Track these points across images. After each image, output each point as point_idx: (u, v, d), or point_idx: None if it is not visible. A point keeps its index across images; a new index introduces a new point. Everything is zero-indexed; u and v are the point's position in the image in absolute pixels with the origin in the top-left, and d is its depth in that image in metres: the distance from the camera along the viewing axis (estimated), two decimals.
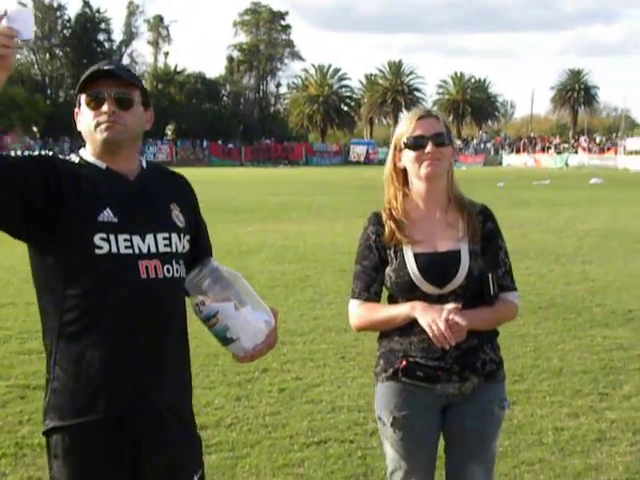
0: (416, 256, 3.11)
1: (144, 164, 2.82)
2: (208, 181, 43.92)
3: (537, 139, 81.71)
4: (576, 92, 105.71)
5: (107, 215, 2.62)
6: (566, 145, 77.26)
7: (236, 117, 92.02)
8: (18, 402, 6.26)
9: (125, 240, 2.63)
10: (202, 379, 6.78)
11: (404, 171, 3.22)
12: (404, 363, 3.10)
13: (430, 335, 2.93)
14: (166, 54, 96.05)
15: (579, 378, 6.93)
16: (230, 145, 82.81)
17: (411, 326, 3.06)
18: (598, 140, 78.29)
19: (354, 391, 6.63)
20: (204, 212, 2.97)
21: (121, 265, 2.62)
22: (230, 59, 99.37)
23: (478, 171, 63.15)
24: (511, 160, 75.57)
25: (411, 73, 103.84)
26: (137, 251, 2.64)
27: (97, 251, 2.59)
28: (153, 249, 2.67)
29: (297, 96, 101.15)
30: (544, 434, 5.59)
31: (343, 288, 11.15)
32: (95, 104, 2.67)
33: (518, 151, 78.41)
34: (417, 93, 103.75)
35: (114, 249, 2.61)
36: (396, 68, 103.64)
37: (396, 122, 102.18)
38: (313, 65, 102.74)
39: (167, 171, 2.94)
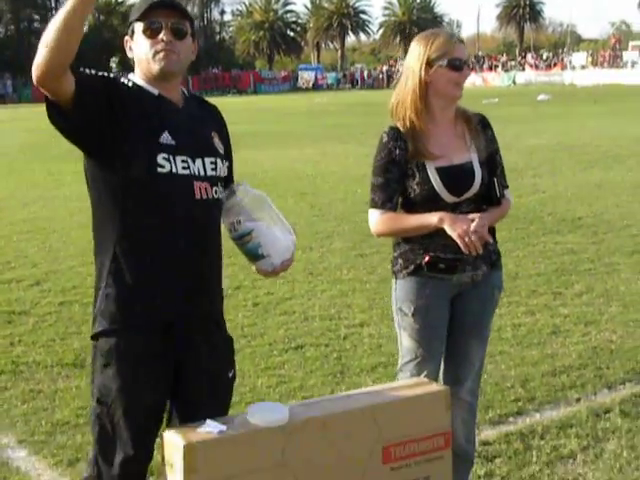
0: (437, 170, 3.43)
1: (186, 93, 3.02)
2: None
3: (484, 58, 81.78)
4: (522, 8, 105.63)
5: (166, 138, 2.84)
6: (513, 63, 77.58)
7: None
8: (6, 326, 6.57)
9: (182, 161, 2.85)
10: None
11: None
12: (427, 258, 3.45)
13: (462, 246, 3.27)
14: None
15: (534, 280, 7.40)
16: None
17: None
18: (545, 56, 78.61)
19: (324, 302, 7.02)
20: None
21: (179, 184, 2.83)
22: None
23: None
24: None
25: None
26: (194, 173, 2.86)
27: (159, 169, 2.80)
28: (203, 172, 2.89)
29: (242, 23, 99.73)
30: (503, 330, 6.04)
31: (305, 211, 11.53)
32: (151, 33, 2.82)
33: (472, 69, 78.52)
34: (363, 16, 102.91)
35: (174, 169, 2.83)
36: None
37: (343, 45, 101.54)
38: None
39: (203, 100, 3.15)
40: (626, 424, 4.46)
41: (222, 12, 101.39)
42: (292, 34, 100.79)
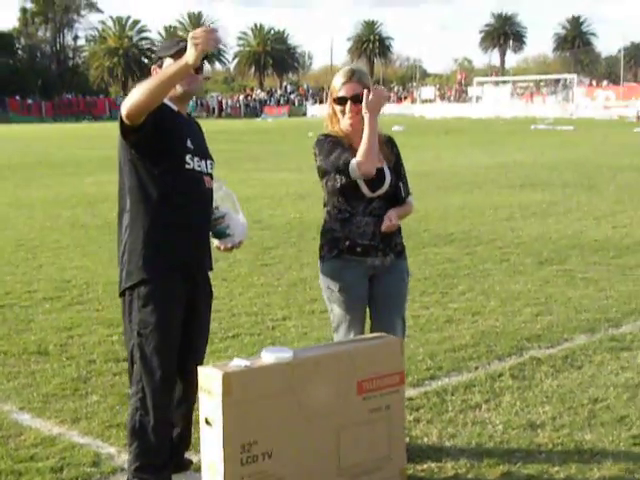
0: None
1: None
2: (13, 139, 43.21)
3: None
4: (371, 43, 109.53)
5: (189, 143, 3.96)
6: None
7: (33, 71, 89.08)
8: None
9: (198, 161, 3.99)
10: None
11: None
12: (348, 243, 4.47)
13: (384, 228, 4.34)
14: None
15: (422, 283, 8.57)
16: (29, 101, 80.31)
17: (350, 220, 4.43)
18: (395, 89, 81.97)
19: (245, 302, 7.98)
20: (26, 168, 4.22)
21: (196, 177, 3.98)
22: (24, 10, 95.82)
23: (285, 122, 64.87)
24: (315, 111, 77.80)
25: (211, 24, 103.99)
26: (203, 170, 4.01)
27: (186, 165, 3.92)
28: (207, 169, 4.06)
29: (96, 49, 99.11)
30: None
31: None
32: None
33: (321, 102, 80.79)
34: (219, 45, 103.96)
35: (194, 166, 3.96)
36: (195, 19, 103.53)
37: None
38: (111, 17, 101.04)
39: (191, 117, 4.20)
40: (516, 384, 5.63)
41: (75, 37, 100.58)
42: (147, 61, 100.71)
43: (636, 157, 24.11)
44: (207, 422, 3.73)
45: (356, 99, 4.42)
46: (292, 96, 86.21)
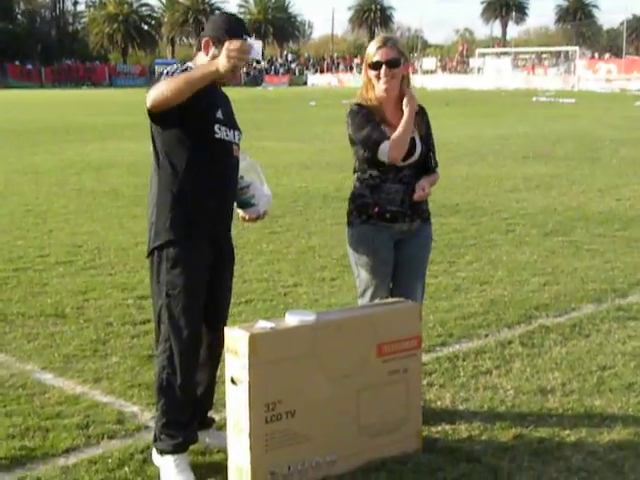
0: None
1: None
2: (13, 104, 43.14)
3: (340, 60, 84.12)
4: (373, 13, 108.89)
5: (219, 114, 4.05)
6: None
7: (33, 37, 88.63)
8: None
9: (226, 131, 4.06)
10: None
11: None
12: (377, 209, 4.58)
13: (416, 197, 4.47)
14: None
15: None
16: (29, 66, 79.98)
17: (380, 186, 4.54)
18: None
19: (255, 269, 8.09)
20: (28, 134, 4.31)
21: (225, 145, 4.06)
22: None
23: (286, 91, 64.67)
24: (315, 80, 77.69)
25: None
26: (232, 139, 4.09)
27: (215, 135, 4.00)
28: (235, 139, 4.14)
29: (95, 15, 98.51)
30: None
31: None
32: None
33: (322, 71, 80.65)
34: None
35: (223, 135, 4.04)
36: None
37: (199, 41, 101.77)
38: None
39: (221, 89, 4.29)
40: (526, 351, 5.75)
41: (75, 3, 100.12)
42: (147, 28, 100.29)
43: (638, 131, 24.15)
44: (233, 381, 3.84)
45: (391, 64, 4.48)
46: (293, 65, 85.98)
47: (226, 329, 3.92)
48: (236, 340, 3.82)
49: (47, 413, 4.66)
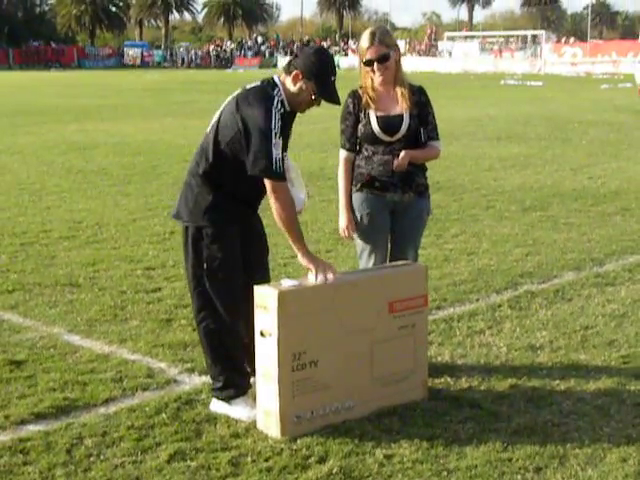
0: (377, 117, 5.00)
1: None
2: None
3: (310, 42, 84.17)
4: None
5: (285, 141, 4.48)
6: (337, 48, 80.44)
7: None
8: None
9: (283, 154, 4.41)
10: None
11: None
12: (367, 178, 5.02)
13: (394, 166, 4.88)
14: None
15: None
16: None
17: (372, 157, 4.98)
18: None
19: None
20: (5, 116, 4.65)
21: None
22: None
23: (256, 73, 64.57)
24: (285, 62, 77.61)
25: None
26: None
27: None
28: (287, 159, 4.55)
29: None
30: None
31: None
32: (316, 102, 4.50)
33: (292, 53, 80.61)
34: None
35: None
36: None
37: (167, 23, 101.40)
38: None
39: None
40: (514, 313, 6.23)
41: None
42: (115, 10, 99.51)
43: (605, 113, 24.76)
44: (262, 334, 4.26)
45: (381, 59, 4.95)
46: (262, 47, 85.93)
47: (255, 287, 4.33)
48: (265, 297, 4.24)
49: (81, 369, 5.06)
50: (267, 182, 4.28)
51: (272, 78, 4.47)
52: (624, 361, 5.31)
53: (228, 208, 4.46)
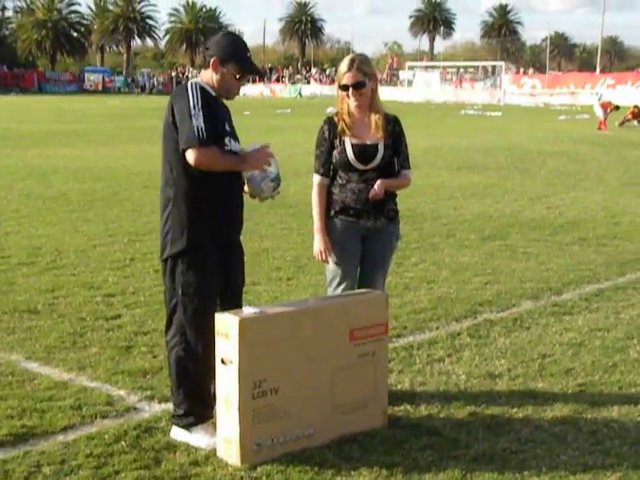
0: (352, 145, 5.06)
1: None
2: None
3: (272, 70, 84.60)
4: (303, 24, 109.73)
5: (227, 127, 4.52)
6: (299, 76, 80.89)
7: None
8: None
9: (233, 142, 4.53)
10: None
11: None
12: (342, 205, 5.07)
13: (370, 195, 4.95)
14: None
15: None
16: None
17: (346, 186, 5.03)
18: (328, 72, 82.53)
19: None
20: None
21: None
22: None
23: None
24: (248, 90, 77.61)
25: (142, 0, 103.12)
26: (237, 150, 4.53)
27: (226, 147, 4.44)
28: (238, 150, 4.57)
29: (24, 21, 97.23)
30: None
31: (155, 201, 12.77)
32: (242, 81, 4.54)
33: (254, 81, 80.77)
34: (149, 21, 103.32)
35: (232, 147, 4.50)
36: None
37: (129, 49, 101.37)
38: None
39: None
40: (474, 341, 6.29)
41: (3, 8, 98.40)
42: (76, 35, 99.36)
43: (563, 143, 25.16)
44: (223, 362, 4.26)
45: (356, 86, 5.03)
46: None
47: (217, 314, 4.34)
48: (226, 324, 4.24)
49: (40, 396, 5.01)
50: (191, 154, 4.27)
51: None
52: (581, 389, 5.38)
53: (205, 229, 4.45)
